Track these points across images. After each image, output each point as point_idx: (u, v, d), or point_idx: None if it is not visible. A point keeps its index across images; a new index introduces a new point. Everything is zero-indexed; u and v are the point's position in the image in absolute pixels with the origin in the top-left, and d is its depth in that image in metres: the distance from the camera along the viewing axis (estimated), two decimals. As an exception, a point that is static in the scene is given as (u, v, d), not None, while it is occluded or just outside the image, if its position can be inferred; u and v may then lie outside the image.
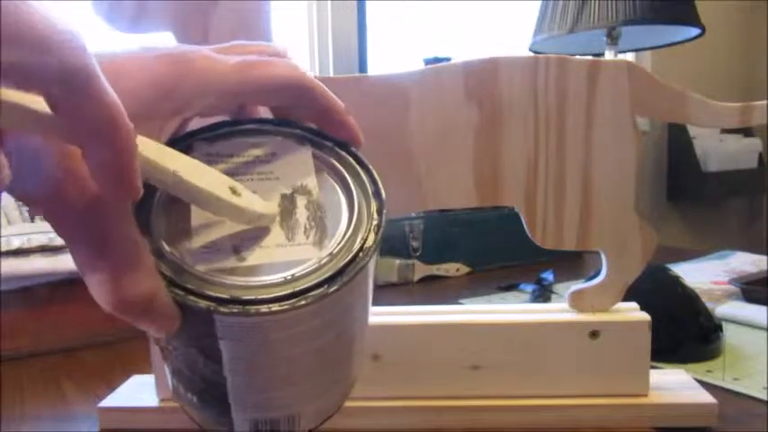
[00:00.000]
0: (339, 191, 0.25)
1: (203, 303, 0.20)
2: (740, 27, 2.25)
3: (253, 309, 0.20)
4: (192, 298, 0.21)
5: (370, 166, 0.26)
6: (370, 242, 0.23)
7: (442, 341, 0.42)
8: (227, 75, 0.24)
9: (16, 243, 0.60)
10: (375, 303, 0.29)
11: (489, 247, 0.96)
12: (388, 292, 0.85)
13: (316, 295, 0.21)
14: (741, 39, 2.26)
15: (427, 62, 1.10)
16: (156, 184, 0.21)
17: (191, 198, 0.22)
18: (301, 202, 0.24)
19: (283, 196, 0.24)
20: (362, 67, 1.48)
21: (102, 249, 0.20)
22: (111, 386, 0.48)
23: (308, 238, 0.23)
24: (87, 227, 0.20)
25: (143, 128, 0.20)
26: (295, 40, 1.45)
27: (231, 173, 0.24)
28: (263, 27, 0.44)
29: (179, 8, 0.40)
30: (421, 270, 0.90)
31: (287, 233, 0.23)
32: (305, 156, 0.26)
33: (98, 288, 0.20)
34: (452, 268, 0.92)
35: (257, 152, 0.26)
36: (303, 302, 0.21)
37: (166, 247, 0.22)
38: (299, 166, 0.26)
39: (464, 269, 0.93)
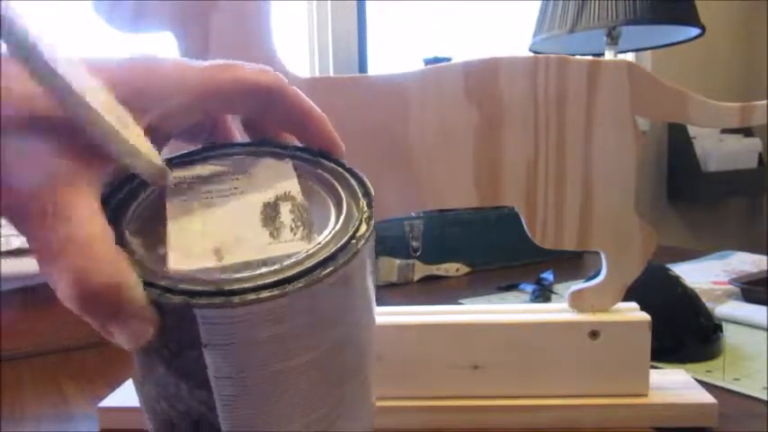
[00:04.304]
0: (324, 194, 0.24)
1: (180, 298, 0.18)
2: (740, 27, 2.25)
3: (237, 298, 0.18)
4: (167, 295, 0.18)
5: (356, 170, 0.25)
6: (362, 230, 0.22)
7: (442, 341, 0.42)
8: (191, 76, 0.23)
9: (16, 243, 0.60)
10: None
11: (489, 247, 0.96)
12: (388, 292, 0.85)
13: (308, 279, 0.19)
14: (741, 39, 2.26)
15: (427, 62, 1.10)
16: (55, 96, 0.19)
17: (87, 121, 0.19)
18: (285, 207, 0.23)
19: (266, 204, 0.23)
20: (362, 67, 1.48)
21: (65, 232, 0.18)
22: (111, 386, 0.48)
23: (294, 235, 0.22)
24: (41, 202, 0.18)
25: None
26: (295, 40, 1.45)
27: (207, 191, 0.23)
28: (263, 27, 0.44)
29: (179, 8, 0.40)
30: (421, 270, 0.90)
31: (272, 232, 0.22)
32: (285, 168, 0.25)
33: (59, 279, 0.18)
34: (452, 268, 0.92)
35: (233, 170, 0.25)
36: (293, 288, 0.19)
37: (140, 250, 0.20)
38: (280, 177, 0.24)
39: (464, 269, 0.93)
